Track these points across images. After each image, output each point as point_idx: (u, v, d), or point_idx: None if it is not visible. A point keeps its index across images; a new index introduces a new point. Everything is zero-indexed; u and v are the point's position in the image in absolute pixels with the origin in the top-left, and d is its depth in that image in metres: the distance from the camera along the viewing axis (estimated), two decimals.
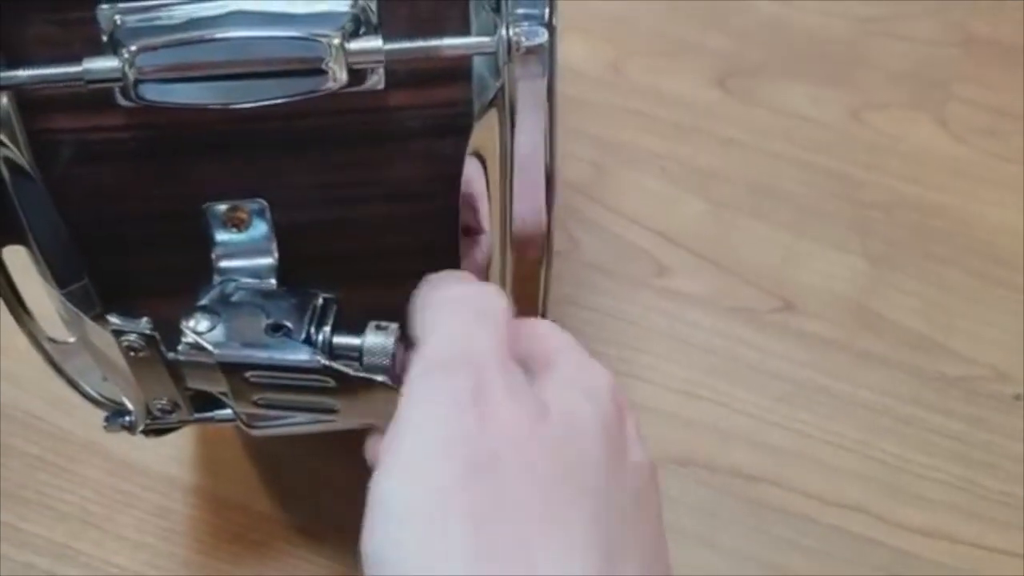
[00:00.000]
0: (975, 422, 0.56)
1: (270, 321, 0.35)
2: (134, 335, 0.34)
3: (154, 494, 0.53)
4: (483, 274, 0.37)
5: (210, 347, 0.34)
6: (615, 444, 0.31)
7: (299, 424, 0.38)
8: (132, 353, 0.34)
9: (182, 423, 0.41)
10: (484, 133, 0.33)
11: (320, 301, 0.35)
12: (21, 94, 0.33)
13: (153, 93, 0.31)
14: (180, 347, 0.34)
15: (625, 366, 0.57)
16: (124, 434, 0.53)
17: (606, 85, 0.69)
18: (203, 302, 0.35)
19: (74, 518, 0.52)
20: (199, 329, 0.34)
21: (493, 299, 0.33)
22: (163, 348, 0.34)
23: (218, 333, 0.34)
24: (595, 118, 0.67)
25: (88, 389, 0.42)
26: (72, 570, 0.50)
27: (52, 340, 0.40)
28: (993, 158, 0.66)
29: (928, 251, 0.62)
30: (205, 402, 0.39)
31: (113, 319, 0.34)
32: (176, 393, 0.37)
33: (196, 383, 0.35)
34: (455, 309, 0.33)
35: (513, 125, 0.32)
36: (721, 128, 0.67)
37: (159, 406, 0.38)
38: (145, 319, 0.34)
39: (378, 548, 0.28)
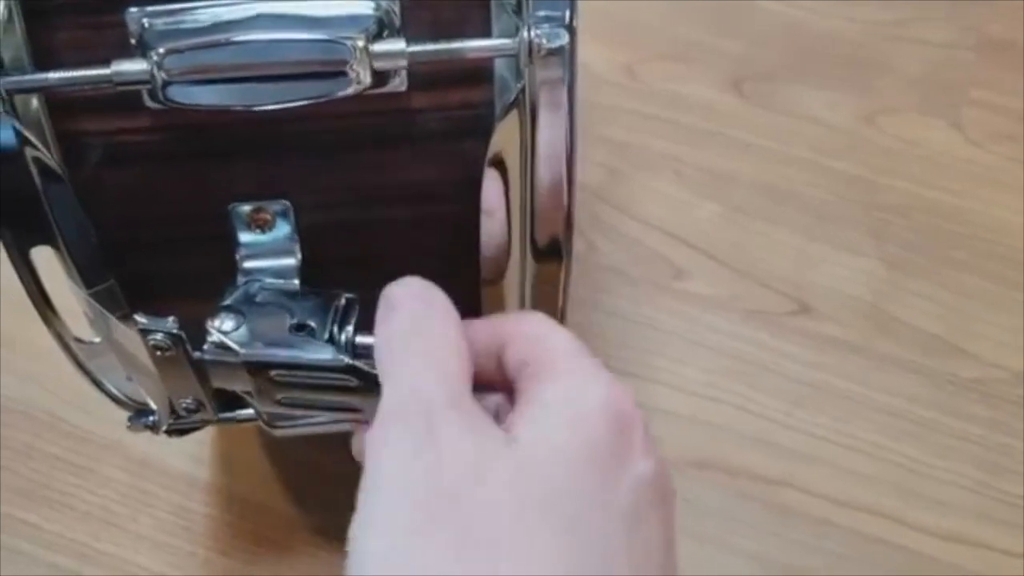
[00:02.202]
0: (992, 425, 0.56)
1: (294, 321, 0.35)
2: (161, 334, 0.34)
3: (175, 494, 0.53)
4: (501, 277, 0.38)
5: (235, 346, 0.34)
6: (601, 465, 0.29)
7: (321, 424, 0.39)
8: (159, 352, 0.35)
9: (205, 423, 0.41)
10: (505, 135, 0.33)
11: (343, 301, 0.36)
12: (51, 96, 0.33)
13: (180, 95, 0.32)
14: (206, 346, 0.35)
15: (642, 369, 0.57)
16: (145, 434, 0.54)
17: (621, 89, 0.69)
18: (228, 302, 0.36)
19: (96, 518, 0.52)
20: (224, 328, 0.34)
21: (442, 324, 0.32)
22: (189, 347, 0.35)
23: (243, 332, 0.35)
24: (610, 122, 0.67)
25: (112, 389, 0.43)
26: (95, 570, 0.51)
27: (78, 340, 0.40)
28: (1010, 162, 0.66)
29: (944, 255, 0.62)
30: (228, 401, 0.39)
31: (140, 318, 0.34)
32: (201, 392, 0.37)
33: (221, 382, 0.36)
34: (403, 350, 0.32)
35: (534, 126, 0.32)
36: (737, 132, 0.67)
37: (184, 405, 0.38)
38: (172, 318, 0.34)
39: None
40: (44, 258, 0.36)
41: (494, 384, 0.34)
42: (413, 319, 0.33)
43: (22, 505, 0.52)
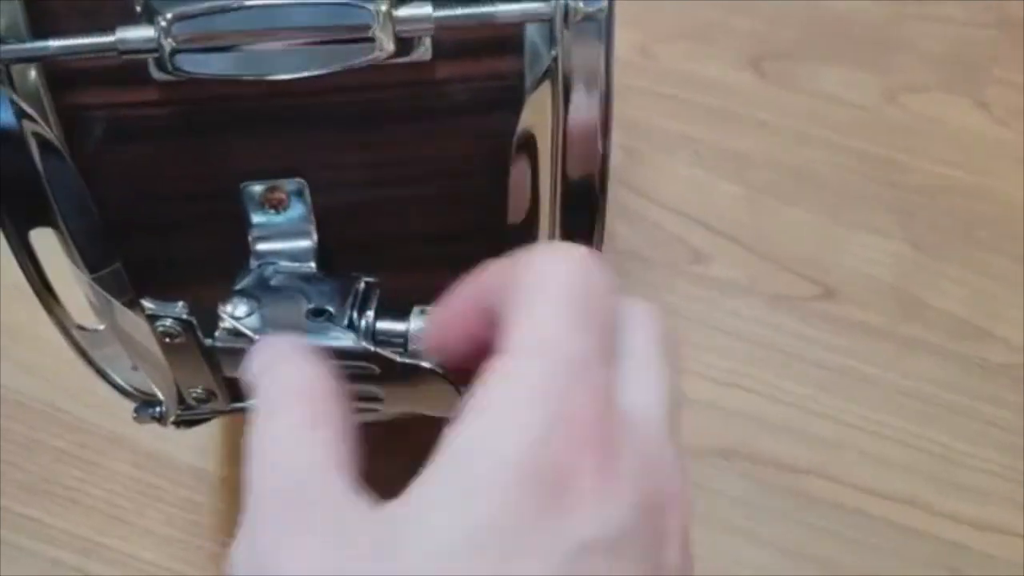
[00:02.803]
0: (1023, 410, 0.54)
1: (311, 306, 0.33)
2: (170, 320, 0.32)
3: (181, 487, 0.51)
4: None
5: (249, 333, 0.32)
6: (497, 548, 0.21)
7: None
8: (167, 339, 0.33)
9: (215, 413, 0.40)
10: (536, 108, 0.32)
11: (362, 285, 0.34)
12: (50, 67, 0.31)
13: (189, 64, 0.30)
14: (217, 333, 0.33)
15: None
16: (151, 426, 0.52)
17: (636, 69, 0.67)
18: (241, 286, 0.34)
19: (101, 513, 0.51)
20: (237, 314, 0.33)
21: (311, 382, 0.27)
22: (200, 334, 0.33)
23: (257, 318, 0.33)
24: (626, 103, 0.65)
25: (117, 379, 0.41)
26: (100, 566, 0.49)
27: (81, 328, 0.38)
28: None
29: (971, 236, 0.60)
30: (239, 390, 0.37)
31: (148, 304, 0.33)
32: (212, 381, 0.35)
33: (234, 370, 0.34)
34: (269, 431, 0.26)
35: (567, 99, 0.30)
36: (755, 112, 0.65)
37: (194, 394, 0.37)
38: (181, 304, 0.32)
39: None
40: (45, 243, 0.35)
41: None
42: (275, 385, 0.27)
43: (24, 500, 0.51)
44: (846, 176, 0.63)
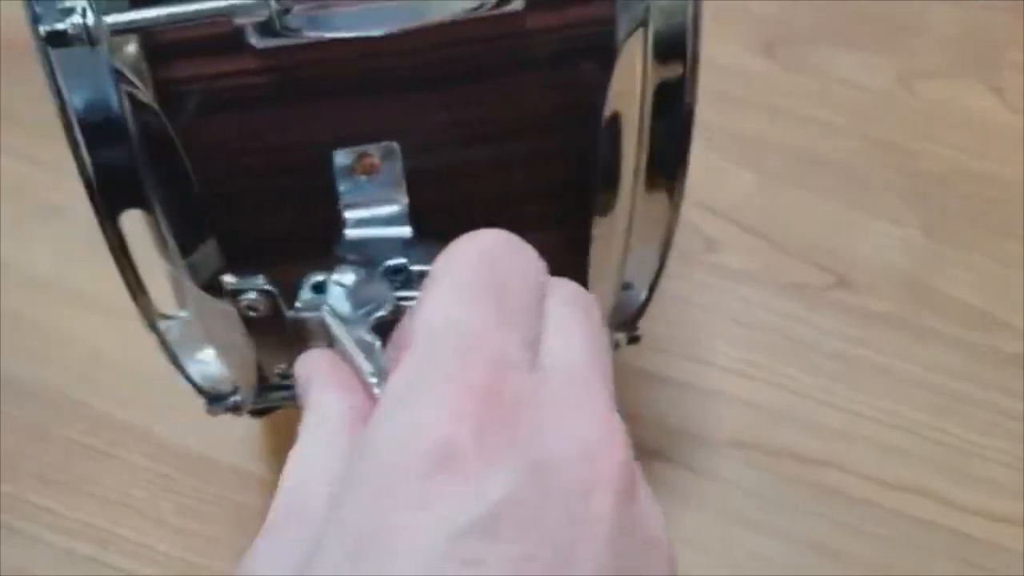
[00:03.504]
0: None
1: (415, 269, 0.32)
2: (253, 293, 0.32)
3: (194, 478, 0.51)
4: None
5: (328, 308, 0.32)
6: None
7: None
8: (251, 313, 0.33)
9: (286, 402, 0.39)
10: (629, 56, 0.31)
11: None
12: (147, 40, 0.30)
13: (300, 25, 0.29)
14: (298, 303, 0.32)
15: (674, 345, 0.56)
16: (162, 417, 0.52)
17: None
18: (340, 254, 0.33)
19: (114, 503, 0.50)
20: (344, 282, 0.32)
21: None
22: (283, 305, 0.33)
23: (347, 289, 0.32)
24: None
25: (192, 375, 0.40)
26: (114, 556, 0.49)
27: (164, 316, 0.38)
28: None
29: (985, 224, 0.60)
30: None
31: (229, 279, 0.32)
32: (296, 355, 0.35)
33: (319, 342, 0.33)
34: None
35: (658, 50, 0.30)
36: (769, 97, 0.65)
37: (279, 371, 0.36)
38: (262, 276, 0.32)
39: None
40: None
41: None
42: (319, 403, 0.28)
43: (38, 490, 0.51)
44: (859, 162, 0.62)
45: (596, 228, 0.36)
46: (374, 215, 0.34)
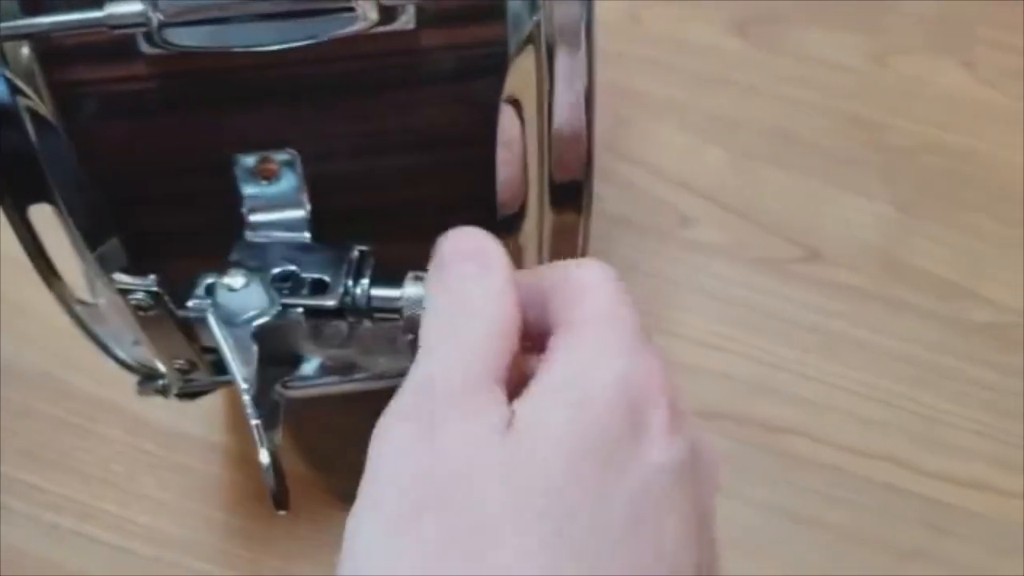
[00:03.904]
0: (1008, 370, 0.55)
1: (308, 276, 0.34)
2: (142, 293, 0.33)
3: (175, 453, 0.52)
4: (519, 228, 0.36)
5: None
6: (604, 456, 0.27)
7: (337, 384, 0.38)
8: (141, 312, 0.34)
9: (215, 385, 0.40)
10: (520, 74, 0.32)
11: (356, 254, 0.34)
12: (42, 44, 0.32)
13: (178, 37, 0.30)
14: (190, 303, 0.33)
15: (649, 319, 0.55)
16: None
17: (624, 34, 0.67)
18: (235, 258, 0.34)
19: (96, 478, 0.51)
20: (234, 286, 0.33)
21: (486, 293, 0.29)
22: (172, 306, 0.34)
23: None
24: (613, 68, 0.66)
25: (120, 354, 0.41)
26: (97, 530, 0.50)
27: (81, 302, 0.39)
28: (1022, 102, 0.64)
29: (957, 197, 0.61)
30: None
31: (120, 277, 0.33)
32: (191, 352, 0.36)
33: (210, 341, 0.34)
34: (436, 328, 0.30)
35: (551, 64, 0.31)
36: (742, 76, 0.65)
37: (177, 366, 0.37)
38: (152, 276, 0.33)
39: None
40: (45, 219, 0.35)
41: (543, 339, 0.30)
42: (456, 287, 0.30)
43: (22, 466, 0.51)
44: (832, 139, 0.63)
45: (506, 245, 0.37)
46: (275, 219, 0.35)
